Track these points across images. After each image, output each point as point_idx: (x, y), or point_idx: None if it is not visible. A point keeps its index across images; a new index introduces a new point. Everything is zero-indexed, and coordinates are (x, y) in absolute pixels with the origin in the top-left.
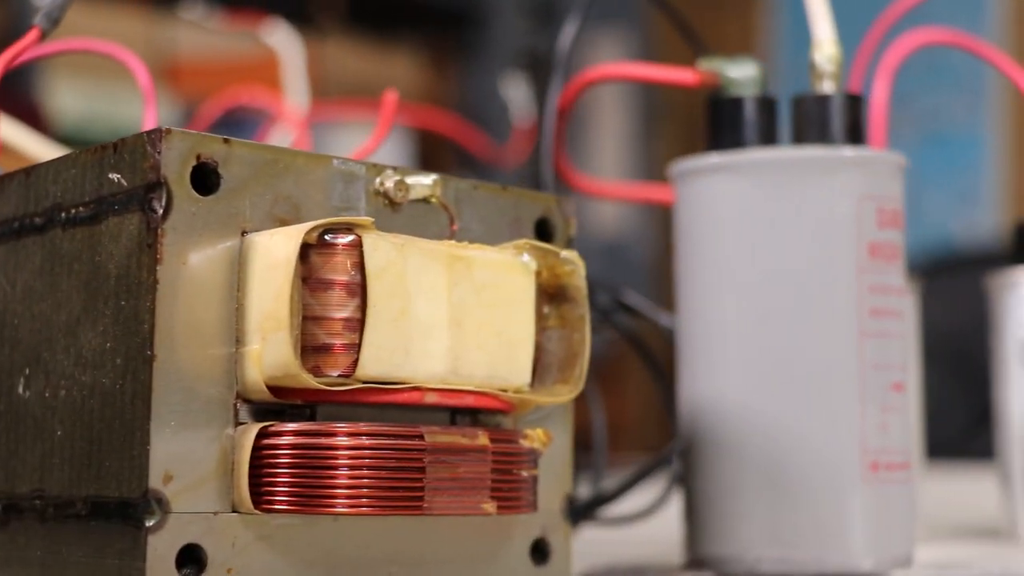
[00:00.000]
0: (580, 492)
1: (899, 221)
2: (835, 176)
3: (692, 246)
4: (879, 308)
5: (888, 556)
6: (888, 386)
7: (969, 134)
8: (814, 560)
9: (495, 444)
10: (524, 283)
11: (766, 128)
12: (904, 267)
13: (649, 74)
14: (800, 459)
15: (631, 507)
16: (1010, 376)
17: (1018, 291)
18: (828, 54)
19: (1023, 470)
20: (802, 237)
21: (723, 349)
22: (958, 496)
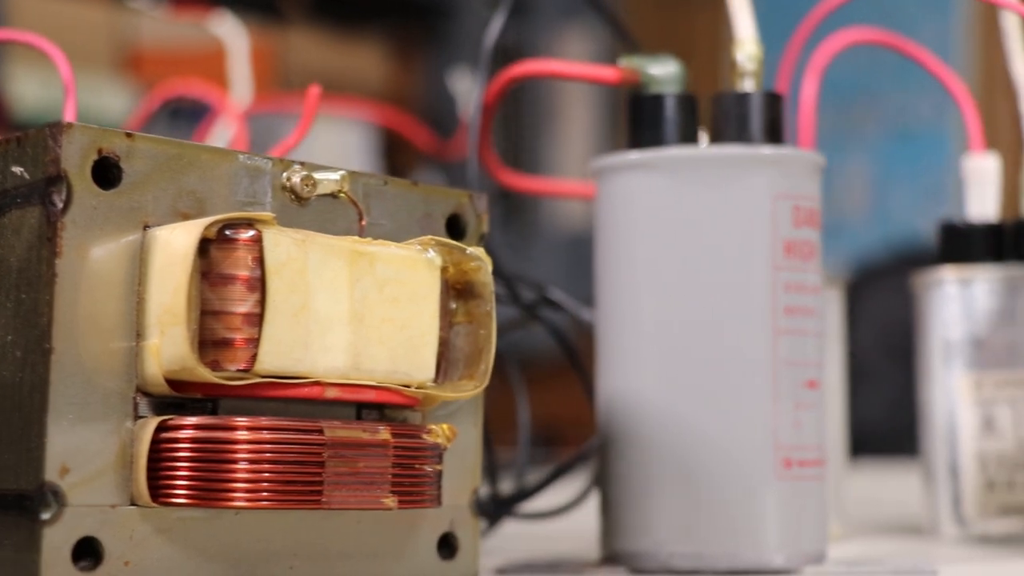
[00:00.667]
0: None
1: (815, 220)
2: (752, 174)
3: (610, 242)
4: (794, 306)
5: (800, 552)
6: (802, 383)
7: (935, 132)
8: (726, 556)
9: (397, 439)
10: (429, 279)
11: (686, 126)
12: (821, 265)
13: (572, 71)
14: (713, 455)
15: (557, 502)
16: (934, 374)
17: (942, 290)
18: (749, 52)
19: (945, 467)
20: (717, 235)
21: (638, 346)
22: (901, 493)
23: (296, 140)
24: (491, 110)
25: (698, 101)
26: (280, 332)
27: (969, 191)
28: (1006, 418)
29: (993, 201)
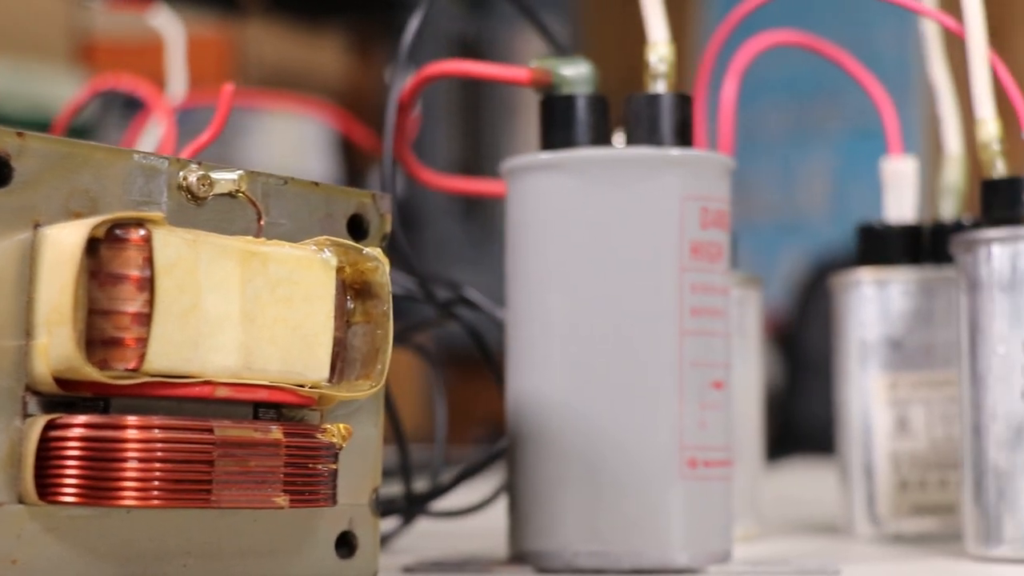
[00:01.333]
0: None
1: (724, 221)
2: (660, 176)
3: (520, 242)
4: (700, 307)
5: (705, 551)
6: (708, 384)
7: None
8: (630, 555)
9: (289, 439)
10: (323, 279)
11: (597, 127)
12: (729, 267)
13: (484, 72)
14: (618, 455)
15: (473, 500)
16: (850, 374)
17: (859, 291)
18: (661, 54)
19: (860, 467)
20: (625, 236)
21: (546, 345)
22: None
23: (210, 139)
24: (407, 108)
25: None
26: (169, 332)
27: (887, 194)
28: (920, 419)
29: (911, 204)
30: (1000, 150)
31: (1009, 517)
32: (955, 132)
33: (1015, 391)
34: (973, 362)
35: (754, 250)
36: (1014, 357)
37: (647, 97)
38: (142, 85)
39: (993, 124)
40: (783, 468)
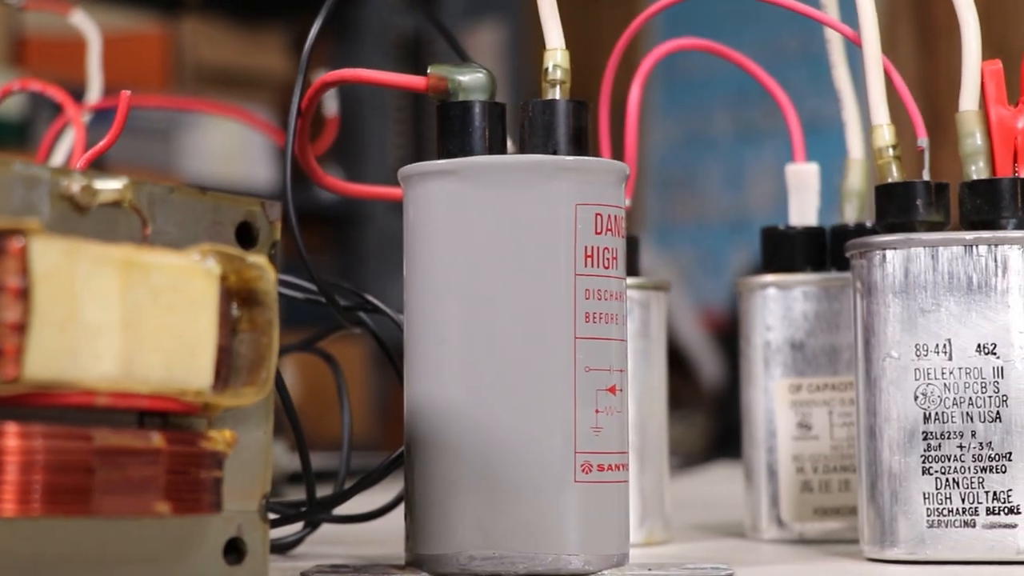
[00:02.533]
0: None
1: (619, 227)
2: (554, 182)
3: (416, 248)
4: (594, 312)
5: (600, 555)
6: (603, 388)
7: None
8: (524, 559)
9: (171, 446)
10: (205, 287)
11: (493, 133)
12: (625, 272)
13: (381, 79)
14: (513, 460)
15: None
16: (755, 378)
17: (764, 295)
18: (557, 61)
19: (764, 469)
20: (519, 242)
21: (441, 350)
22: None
23: (106, 145)
24: (308, 114)
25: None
26: (47, 341)
27: (791, 198)
28: (822, 421)
29: (814, 208)
30: (895, 156)
31: (903, 518)
32: (857, 137)
33: (907, 394)
34: (867, 366)
35: (705, 250)
36: (907, 361)
37: (542, 104)
38: (49, 86)
39: (888, 130)
40: (721, 469)
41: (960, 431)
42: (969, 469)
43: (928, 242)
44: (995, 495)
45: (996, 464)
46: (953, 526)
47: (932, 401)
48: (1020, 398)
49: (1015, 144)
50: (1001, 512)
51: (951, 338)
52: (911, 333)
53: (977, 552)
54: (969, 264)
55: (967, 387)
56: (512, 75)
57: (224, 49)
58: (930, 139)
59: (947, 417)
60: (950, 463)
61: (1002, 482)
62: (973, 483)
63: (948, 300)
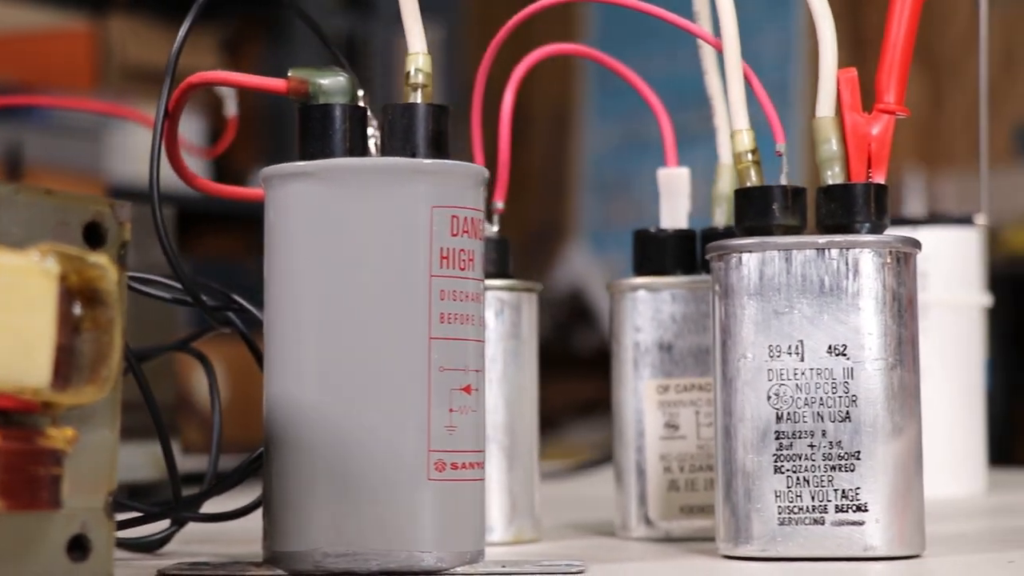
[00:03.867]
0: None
1: (476, 230)
2: (410, 185)
3: (276, 249)
4: (450, 313)
5: (454, 552)
6: (457, 388)
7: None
8: (378, 556)
9: (7, 443)
10: (43, 286)
11: (353, 136)
12: (482, 274)
13: (243, 81)
14: (367, 458)
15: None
16: (625, 378)
17: (634, 297)
18: (419, 65)
19: (633, 469)
20: (376, 243)
21: (299, 350)
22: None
23: None
24: (176, 117)
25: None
26: None
27: (662, 202)
28: (689, 421)
29: (685, 212)
30: (753, 160)
31: (756, 516)
32: (728, 143)
33: (761, 395)
34: (724, 367)
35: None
36: (760, 362)
37: (402, 107)
38: None
39: (747, 135)
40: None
41: (811, 430)
42: (819, 468)
43: (782, 245)
44: (844, 493)
45: (845, 463)
46: (803, 523)
47: (784, 401)
48: (869, 398)
49: (869, 150)
50: (849, 510)
51: (803, 339)
52: (765, 334)
53: (827, 549)
54: (821, 267)
55: (818, 387)
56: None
57: (152, 48)
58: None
59: (799, 417)
60: (801, 462)
61: (851, 480)
62: (823, 481)
63: (801, 302)
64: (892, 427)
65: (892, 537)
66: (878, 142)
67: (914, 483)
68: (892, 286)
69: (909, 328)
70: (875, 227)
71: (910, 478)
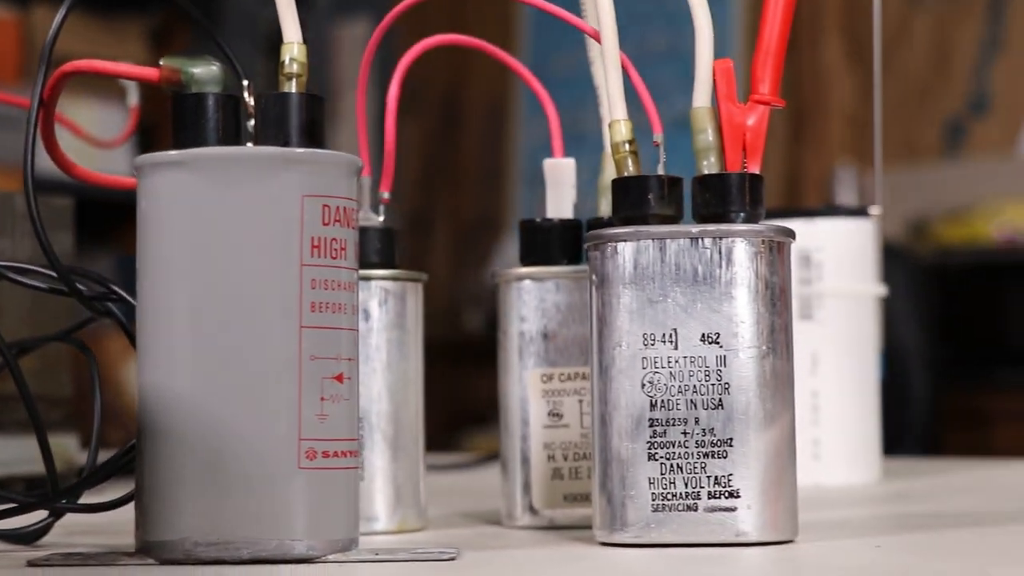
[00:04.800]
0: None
1: (349, 219)
2: (282, 174)
3: (148, 238)
4: (321, 302)
5: (326, 541)
6: (329, 377)
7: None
8: (249, 545)
9: None
10: None
11: (227, 125)
12: (356, 263)
13: (116, 70)
14: (238, 447)
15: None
16: (511, 368)
17: (519, 287)
18: (293, 55)
19: (518, 458)
20: (247, 232)
21: (171, 339)
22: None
23: None
24: (52, 105)
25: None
26: None
27: (548, 192)
28: (572, 410)
29: (570, 201)
30: (631, 150)
31: (630, 503)
32: None
33: (635, 383)
34: (600, 355)
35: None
36: (635, 350)
37: (275, 96)
38: None
39: (625, 125)
40: None
41: (684, 418)
42: (692, 455)
43: (656, 234)
44: (716, 480)
45: (718, 450)
46: (677, 510)
47: (658, 389)
48: (742, 386)
49: (744, 140)
50: (722, 496)
51: (677, 328)
52: (640, 323)
53: (700, 535)
54: (695, 256)
55: (692, 375)
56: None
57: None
58: (794, 135)
59: (672, 404)
60: (674, 449)
61: (723, 467)
62: (696, 468)
63: (675, 291)
64: (764, 415)
65: (764, 523)
66: (753, 132)
67: (787, 470)
68: (765, 275)
69: (782, 317)
70: (749, 216)
71: (783, 465)
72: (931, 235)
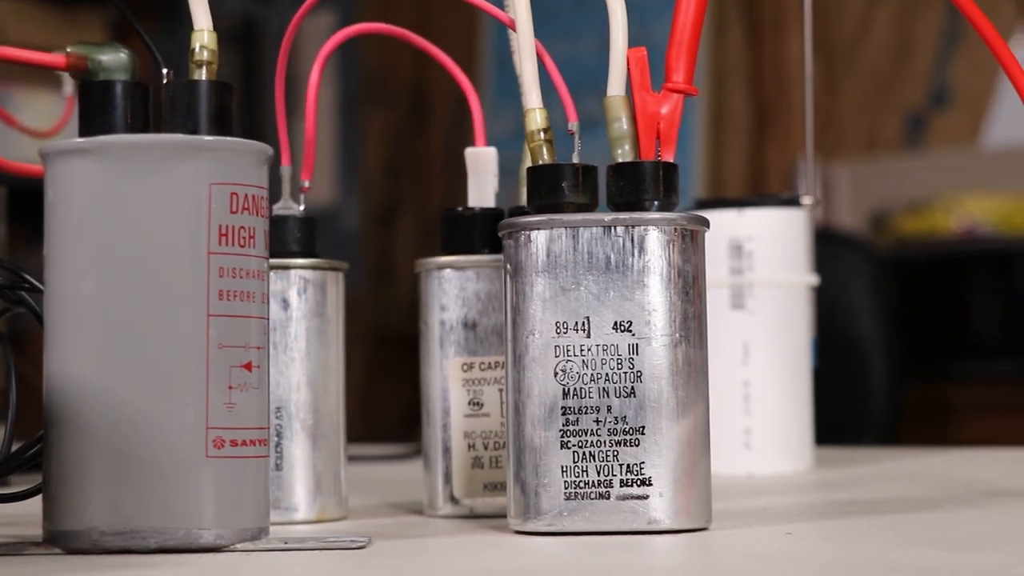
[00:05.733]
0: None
1: (258, 207)
2: (189, 161)
3: (56, 225)
4: (229, 290)
5: (234, 530)
6: (237, 365)
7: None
8: (156, 534)
9: None
10: None
11: (135, 113)
12: (266, 251)
13: (23, 57)
14: (145, 436)
15: None
16: (432, 357)
17: (440, 276)
18: (203, 42)
19: (440, 447)
20: (154, 220)
21: (79, 328)
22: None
23: None
24: None
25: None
26: None
27: (470, 181)
28: (493, 399)
29: (492, 191)
30: (546, 139)
31: (543, 492)
32: None
33: (548, 371)
34: (514, 344)
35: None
36: (548, 338)
37: (184, 84)
38: None
39: (540, 114)
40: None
41: (597, 406)
42: (605, 443)
43: (569, 223)
44: (629, 468)
45: (630, 438)
46: (589, 498)
47: (571, 377)
48: (654, 374)
49: (658, 128)
50: (634, 484)
51: (590, 316)
52: (552, 311)
53: (612, 523)
54: (608, 244)
55: (604, 363)
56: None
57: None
58: (756, 126)
59: (585, 393)
60: (587, 437)
61: (635, 455)
62: (608, 456)
63: (588, 279)
64: (677, 403)
65: (676, 510)
66: (667, 121)
67: (700, 458)
68: (678, 263)
69: (696, 305)
70: (663, 205)
71: (696, 453)
72: (892, 227)
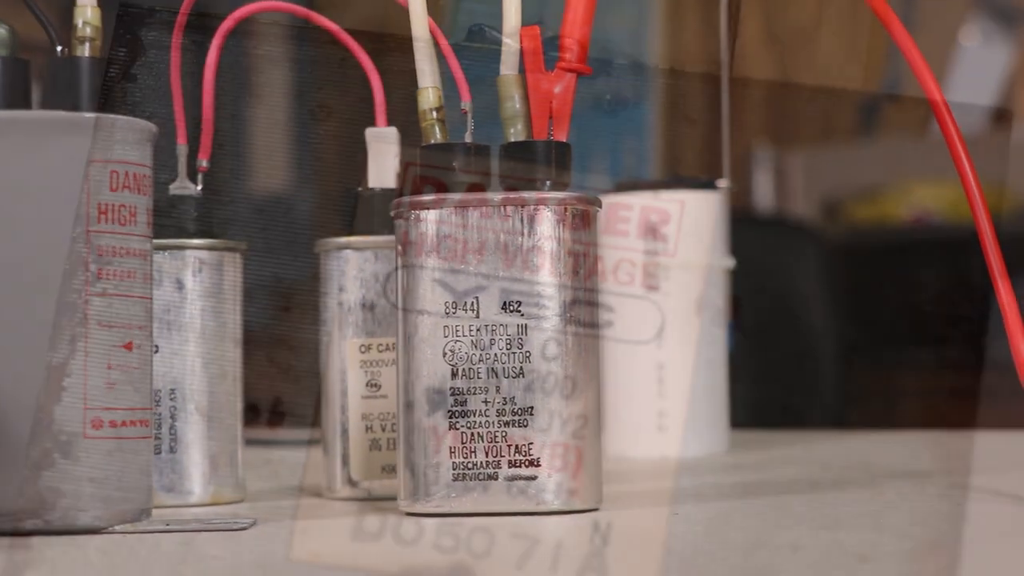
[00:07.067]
0: None
1: (141, 185)
2: (68, 138)
3: None
4: (109, 269)
5: (114, 511)
6: (118, 345)
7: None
8: (33, 517)
9: None
10: None
11: (14, 89)
12: (149, 230)
13: None
14: (21, 416)
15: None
16: (331, 338)
17: (339, 256)
18: (87, 18)
19: (338, 429)
20: (32, 198)
21: None
22: None
23: None
24: None
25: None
26: None
27: (370, 161)
28: (390, 380)
29: (392, 171)
30: (439, 118)
31: (432, 473)
32: None
33: (437, 351)
34: (404, 324)
35: None
36: (437, 319)
37: (65, 60)
38: None
39: (433, 93)
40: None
41: (485, 387)
42: (493, 424)
43: (459, 202)
44: (517, 448)
45: (518, 419)
46: (478, 479)
47: (460, 358)
48: (543, 355)
49: (551, 107)
50: (522, 465)
51: (479, 296)
52: (442, 291)
53: (501, 504)
54: (498, 224)
55: (493, 344)
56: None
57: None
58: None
59: (473, 373)
60: (475, 418)
61: (524, 436)
62: (496, 437)
63: (478, 259)
64: (566, 383)
65: (565, 492)
66: (560, 100)
67: (590, 439)
68: (568, 243)
69: (586, 286)
70: (556, 185)
71: (586, 434)
72: (843, 215)
